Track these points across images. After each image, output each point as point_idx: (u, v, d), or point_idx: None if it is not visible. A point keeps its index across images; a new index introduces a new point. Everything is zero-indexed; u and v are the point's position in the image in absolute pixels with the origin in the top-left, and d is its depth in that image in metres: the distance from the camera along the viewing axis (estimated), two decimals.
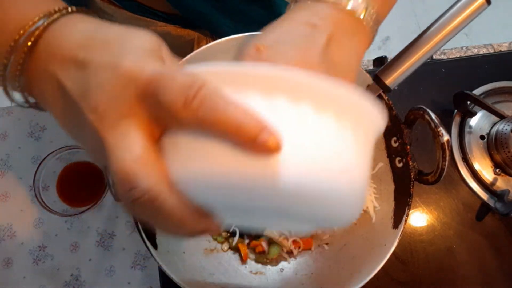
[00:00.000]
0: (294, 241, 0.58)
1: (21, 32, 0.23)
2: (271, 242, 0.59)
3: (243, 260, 0.58)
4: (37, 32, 0.23)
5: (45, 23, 0.23)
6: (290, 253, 0.59)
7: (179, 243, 0.56)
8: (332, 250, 0.59)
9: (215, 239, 0.59)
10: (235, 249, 0.59)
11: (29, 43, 0.23)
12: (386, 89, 0.52)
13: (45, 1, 0.25)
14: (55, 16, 0.24)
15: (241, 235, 0.59)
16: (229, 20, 0.67)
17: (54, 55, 0.23)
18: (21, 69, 0.24)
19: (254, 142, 0.19)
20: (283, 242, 0.58)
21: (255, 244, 0.58)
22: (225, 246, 0.59)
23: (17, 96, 0.26)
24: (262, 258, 0.58)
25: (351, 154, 0.23)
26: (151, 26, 0.68)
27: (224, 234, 0.59)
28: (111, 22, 0.25)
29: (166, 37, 0.71)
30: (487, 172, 0.71)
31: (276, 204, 0.21)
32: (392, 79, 0.51)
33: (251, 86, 0.21)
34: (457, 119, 0.73)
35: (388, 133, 0.57)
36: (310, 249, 0.59)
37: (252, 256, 0.59)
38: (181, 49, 0.54)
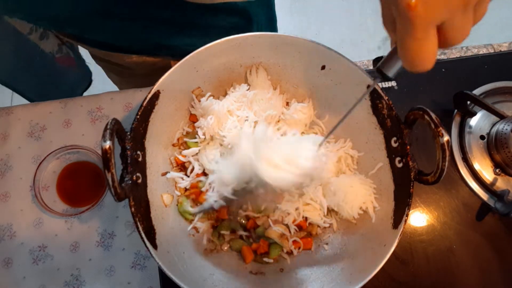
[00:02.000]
0: (294, 241, 0.58)
1: None
2: (271, 242, 0.59)
3: (245, 262, 0.58)
4: None
5: None
6: (290, 253, 0.59)
7: (179, 244, 0.56)
8: (332, 250, 0.59)
9: (214, 241, 0.59)
10: (238, 251, 0.59)
11: None
12: (387, 78, 0.49)
13: None
14: None
15: (241, 236, 0.59)
16: (196, 40, 0.67)
17: None
18: None
19: None
20: (283, 243, 0.58)
21: (256, 246, 0.58)
22: (225, 246, 0.59)
23: None
24: (263, 259, 0.58)
25: None
26: (126, 58, 0.70)
27: (227, 237, 0.59)
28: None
29: (142, 65, 0.73)
30: (487, 172, 0.71)
31: None
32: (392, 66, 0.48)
33: None
34: (457, 119, 0.73)
35: (388, 133, 0.57)
36: (310, 249, 0.59)
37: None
38: (158, 73, 0.55)
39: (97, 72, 0.95)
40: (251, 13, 0.70)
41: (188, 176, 0.60)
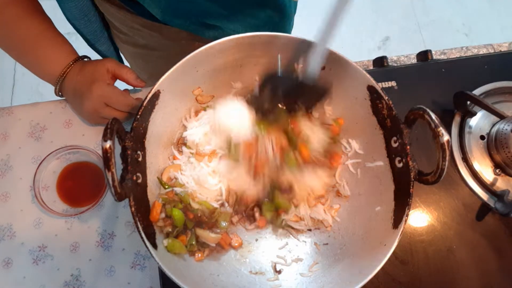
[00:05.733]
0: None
1: (61, 73, 0.64)
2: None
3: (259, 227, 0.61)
4: (65, 73, 0.64)
5: (68, 70, 0.64)
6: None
7: None
8: (332, 250, 0.59)
9: (190, 250, 0.56)
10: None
11: (63, 78, 0.65)
12: None
13: (69, 54, 0.65)
14: (73, 64, 0.65)
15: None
16: (239, 25, 0.67)
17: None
18: (59, 86, 0.66)
19: None
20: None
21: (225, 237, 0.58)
22: (198, 254, 0.56)
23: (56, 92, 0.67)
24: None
25: None
26: (164, 31, 0.69)
27: (194, 244, 0.56)
28: (121, 29, 0.70)
29: (180, 42, 0.72)
30: (487, 172, 0.71)
31: None
32: None
33: None
34: (457, 119, 0.73)
35: (388, 133, 0.57)
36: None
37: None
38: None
39: None
40: (287, 10, 0.71)
41: None
